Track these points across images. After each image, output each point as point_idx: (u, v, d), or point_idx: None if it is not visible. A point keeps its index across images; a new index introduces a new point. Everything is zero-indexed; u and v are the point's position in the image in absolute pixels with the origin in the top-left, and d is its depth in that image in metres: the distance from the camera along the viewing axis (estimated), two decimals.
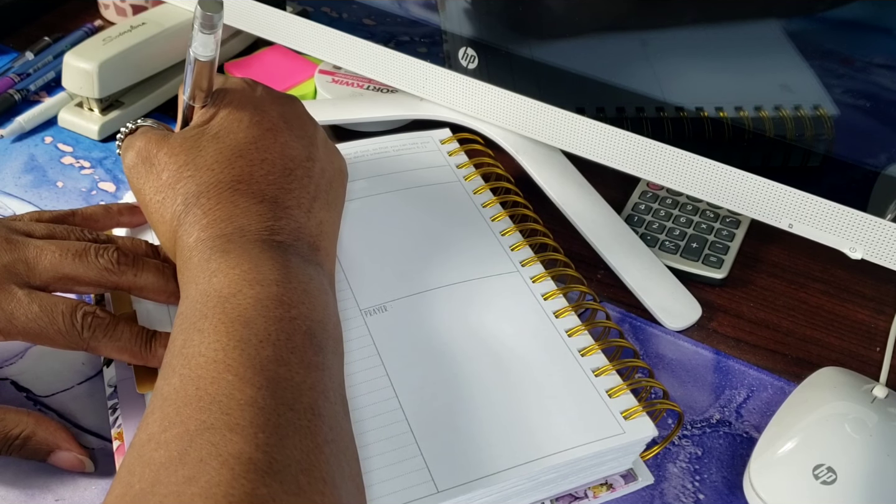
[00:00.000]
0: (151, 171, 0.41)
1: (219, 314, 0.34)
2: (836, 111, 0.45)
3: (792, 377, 0.49)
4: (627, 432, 0.40)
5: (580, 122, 0.53)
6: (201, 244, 0.37)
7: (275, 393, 0.31)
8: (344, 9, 0.60)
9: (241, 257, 0.36)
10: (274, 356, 0.32)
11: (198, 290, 0.35)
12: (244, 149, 0.40)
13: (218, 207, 0.38)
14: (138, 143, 0.42)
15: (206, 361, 0.32)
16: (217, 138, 0.41)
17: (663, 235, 0.57)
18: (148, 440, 0.30)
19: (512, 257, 0.48)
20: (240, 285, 0.35)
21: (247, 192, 0.39)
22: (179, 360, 0.33)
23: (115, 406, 0.44)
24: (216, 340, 0.32)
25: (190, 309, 0.35)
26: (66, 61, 0.63)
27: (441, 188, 0.53)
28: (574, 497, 0.42)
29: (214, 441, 0.29)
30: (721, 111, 0.48)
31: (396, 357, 0.42)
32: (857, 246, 0.47)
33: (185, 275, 0.37)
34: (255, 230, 0.38)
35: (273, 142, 0.41)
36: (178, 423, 0.30)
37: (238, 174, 0.40)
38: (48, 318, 0.40)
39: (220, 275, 0.35)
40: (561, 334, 0.44)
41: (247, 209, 0.39)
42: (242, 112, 0.42)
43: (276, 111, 0.43)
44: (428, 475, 0.37)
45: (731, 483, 0.44)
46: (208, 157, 0.40)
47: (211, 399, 0.30)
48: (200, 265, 0.36)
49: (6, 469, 0.42)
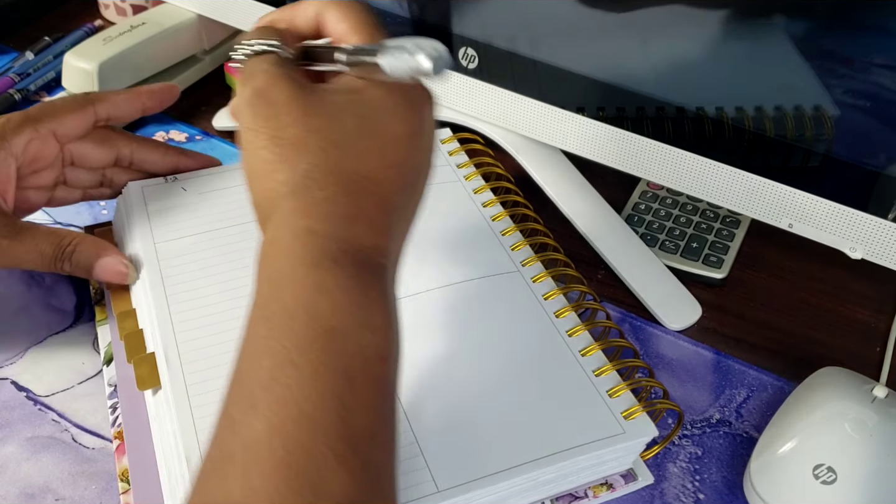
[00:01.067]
0: (277, 119, 0.34)
1: (320, 352, 0.29)
2: (836, 111, 0.45)
3: (792, 377, 0.49)
4: (628, 432, 0.40)
5: (580, 122, 0.53)
6: (310, 238, 0.32)
7: (366, 483, 0.28)
8: None
9: (352, 280, 0.31)
10: (368, 429, 0.29)
11: (297, 302, 0.31)
12: (385, 145, 0.35)
13: (341, 199, 0.33)
14: (268, 77, 0.35)
15: (300, 416, 0.28)
16: (363, 118, 0.35)
17: (663, 235, 0.57)
18: (226, 499, 0.27)
19: (512, 257, 0.48)
20: (348, 322, 0.30)
21: (374, 195, 0.34)
22: (266, 396, 0.29)
23: (115, 405, 0.44)
24: (314, 390, 0.29)
25: (283, 323, 0.30)
26: (66, 61, 0.63)
27: (441, 188, 0.53)
28: (574, 497, 0.42)
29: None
30: (722, 111, 0.48)
31: None
32: (858, 246, 0.47)
33: (279, 265, 0.32)
34: (369, 246, 0.33)
35: (410, 146, 0.36)
36: (265, 496, 0.27)
37: (372, 171, 0.34)
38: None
39: (328, 295, 0.31)
40: (561, 334, 0.44)
41: (368, 215, 0.33)
42: (396, 100, 0.35)
43: (424, 111, 0.37)
44: (429, 475, 0.37)
45: (731, 483, 0.44)
46: (348, 135, 0.34)
47: (304, 477, 0.27)
48: (304, 266, 0.31)
49: (6, 467, 0.42)
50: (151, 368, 0.41)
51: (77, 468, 0.43)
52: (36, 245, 0.45)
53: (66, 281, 0.52)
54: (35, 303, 0.51)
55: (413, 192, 0.36)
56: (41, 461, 0.43)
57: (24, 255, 0.45)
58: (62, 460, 0.43)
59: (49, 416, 0.45)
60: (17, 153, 0.46)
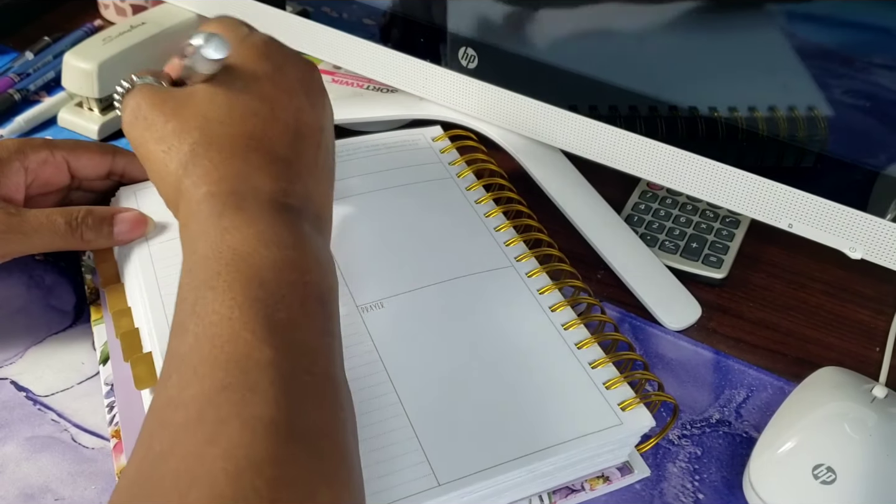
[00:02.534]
0: (155, 123, 0.39)
1: (233, 272, 0.33)
2: (837, 111, 0.45)
3: (791, 377, 0.49)
4: (625, 423, 0.40)
5: (580, 122, 0.53)
6: (212, 198, 0.36)
7: (291, 356, 0.31)
8: (344, 9, 0.60)
9: (256, 216, 0.35)
10: (289, 319, 0.32)
11: (209, 246, 0.34)
12: (258, 105, 0.39)
13: (230, 161, 0.37)
14: (139, 95, 0.40)
15: (221, 319, 0.31)
16: (230, 94, 0.39)
17: (663, 235, 0.57)
18: (167, 403, 0.30)
19: (507, 253, 0.48)
20: (255, 245, 0.34)
21: (259, 150, 0.38)
22: (192, 318, 0.32)
23: (111, 404, 0.44)
24: (231, 298, 0.32)
25: (200, 265, 0.34)
26: (65, 61, 0.63)
27: (434, 185, 0.53)
28: (571, 489, 0.42)
29: (234, 401, 0.28)
30: (727, 111, 0.48)
31: (394, 353, 0.42)
32: (857, 246, 0.47)
33: (192, 228, 0.36)
34: (269, 190, 0.37)
35: (288, 103, 0.40)
36: (196, 382, 0.29)
37: (251, 130, 0.38)
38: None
39: (235, 231, 0.34)
40: (557, 328, 0.44)
41: (260, 167, 0.37)
42: (260, 67, 0.40)
43: (294, 73, 0.41)
44: (429, 469, 0.38)
45: (730, 483, 0.44)
46: (220, 110, 0.39)
47: (227, 358, 0.30)
48: (211, 220, 0.35)
49: (5, 467, 0.42)
50: (149, 368, 0.41)
51: (77, 468, 0.43)
52: (47, 217, 0.45)
53: (66, 281, 0.52)
54: (34, 303, 0.51)
55: (308, 144, 0.40)
56: (40, 461, 0.43)
57: (36, 229, 0.45)
58: (62, 460, 0.43)
59: (48, 415, 0.45)
60: (31, 169, 0.48)
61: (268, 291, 0.32)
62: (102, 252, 0.49)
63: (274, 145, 0.38)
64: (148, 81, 0.41)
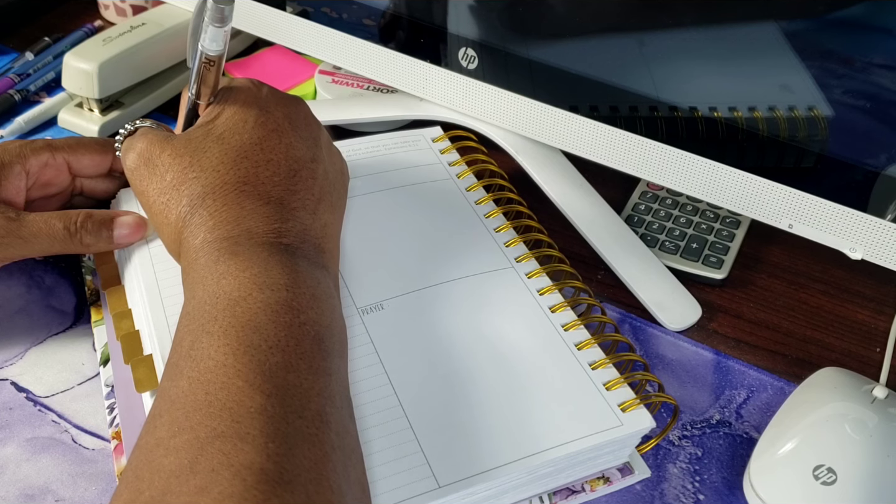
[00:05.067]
0: (155, 173, 0.41)
1: (228, 318, 0.33)
2: (837, 111, 0.45)
3: (792, 378, 0.49)
4: (625, 424, 0.40)
5: (580, 123, 0.53)
6: (208, 245, 0.37)
7: (284, 400, 0.31)
8: (344, 9, 0.60)
9: (249, 260, 0.36)
10: (283, 362, 0.32)
11: (206, 292, 0.35)
12: (249, 150, 0.40)
13: (224, 209, 0.38)
14: (140, 144, 0.42)
15: (216, 365, 0.32)
16: (222, 139, 0.41)
17: (663, 236, 0.57)
18: (156, 445, 0.30)
19: (507, 253, 0.48)
20: (249, 289, 0.35)
21: (253, 194, 0.39)
22: (187, 362, 0.32)
23: (112, 406, 0.44)
24: (226, 344, 0.32)
25: (198, 310, 0.35)
26: (66, 62, 0.63)
27: (434, 186, 0.53)
28: (571, 490, 0.42)
29: (225, 450, 0.29)
30: (728, 111, 0.48)
31: (394, 355, 0.42)
32: (857, 246, 0.47)
33: (192, 276, 0.37)
34: (263, 232, 0.38)
35: (278, 143, 0.41)
36: (188, 428, 0.30)
37: (244, 175, 0.40)
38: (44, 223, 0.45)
39: (230, 277, 0.35)
40: (557, 329, 0.44)
41: (253, 211, 0.38)
42: (247, 112, 0.41)
43: (281, 112, 0.42)
44: (429, 471, 0.38)
45: (731, 483, 0.44)
46: (213, 157, 0.40)
47: (221, 406, 0.30)
48: (208, 266, 0.36)
49: (6, 468, 0.42)
50: (149, 371, 0.41)
51: (77, 469, 0.43)
52: (45, 221, 0.46)
53: (66, 282, 0.52)
54: (35, 304, 0.51)
55: (301, 179, 0.41)
56: (41, 462, 0.43)
57: (35, 234, 0.45)
58: (62, 461, 0.43)
59: (49, 416, 0.45)
60: (32, 172, 0.48)
61: (262, 336, 0.33)
62: (103, 253, 0.49)
63: (266, 187, 0.40)
64: (148, 125, 0.44)
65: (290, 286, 0.35)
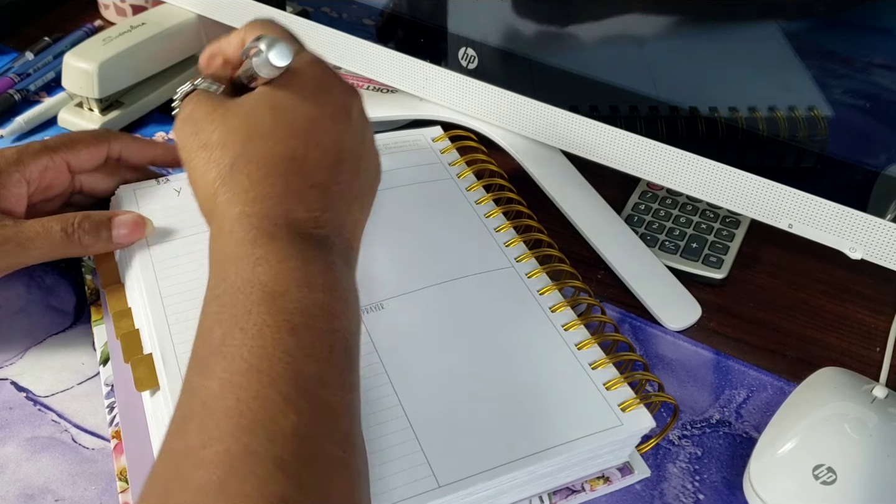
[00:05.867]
0: (203, 129, 0.39)
1: (263, 314, 0.32)
2: (837, 111, 0.45)
3: (792, 377, 0.49)
4: (625, 424, 0.40)
5: (580, 123, 0.53)
6: (245, 219, 0.36)
7: (316, 420, 0.30)
8: (344, 9, 0.60)
9: (288, 250, 0.35)
10: (317, 374, 0.31)
11: (240, 277, 0.34)
12: (302, 127, 0.39)
13: (267, 181, 0.37)
14: (194, 102, 0.40)
15: (248, 369, 0.31)
16: (277, 110, 0.39)
17: (663, 235, 0.57)
18: (186, 454, 0.29)
19: (506, 253, 0.48)
20: (287, 284, 0.33)
21: (298, 172, 0.38)
22: (218, 359, 0.31)
23: (112, 405, 0.44)
24: (260, 346, 0.31)
25: (230, 297, 0.33)
26: (66, 61, 0.63)
27: (434, 185, 0.53)
28: (571, 490, 0.42)
29: (258, 474, 0.28)
30: (728, 111, 0.48)
31: (394, 354, 0.42)
32: (857, 246, 0.47)
33: (223, 249, 0.35)
34: (303, 219, 0.36)
35: (332, 127, 0.40)
36: (219, 439, 0.29)
37: (292, 151, 0.38)
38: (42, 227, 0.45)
39: (266, 265, 0.34)
40: (557, 328, 0.44)
41: (297, 192, 0.37)
42: (307, 88, 0.40)
43: (339, 97, 0.41)
44: (429, 470, 0.38)
45: (730, 483, 0.44)
46: (264, 126, 0.38)
47: (253, 418, 0.29)
48: (243, 245, 0.35)
49: (6, 468, 0.42)
50: (149, 370, 0.41)
51: (77, 469, 0.43)
52: (43, 226, 0.45)
53: (66, 281, 0.52)
54: (34, 303, 0.51)
55: (345, 170, 0.39)
56: (41, 462, 0.43)
57: (33, 238, 0.45)
58: (62, 461, 0.43)
59: (49, 416, 0.45)
60: (32, 178, 0.48)
61: (298, 341, 0.32)
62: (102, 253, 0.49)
63: (311, 169, 0.38)
64: (205, 87, 0.42)
65: (328, 288, 0.34)
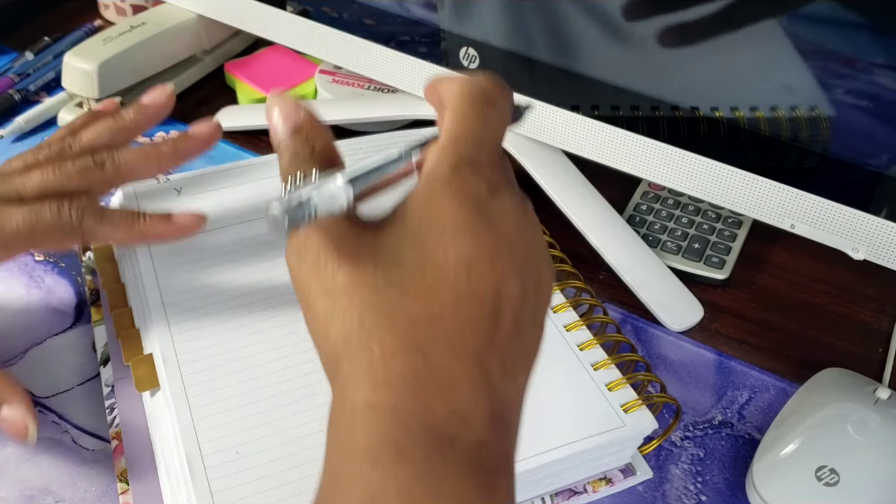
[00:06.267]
0: (324, 268, 0.29)
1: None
2: (839, 111, 0.45)
3: (794, 378, 0.49)
4: (628, 425, 0.40)
5: (581, 123, 0.53)
6: (371, 416, 0.26)
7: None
8: (344, 9, 0.60)
9: (418, 474, 0.25)
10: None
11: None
12: (451, 273, 0.28)
13: (402, 357, 0.27)
14: (317, 238, 0.29)
15: None
16: (419, 247, 0.28)
17: (665, 236, 0.57)
18: None
19: None
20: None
21: (445, 342, 0.27)
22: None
23: (112, 406, 0.44)
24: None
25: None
26: (65, 61, 0.63)
27: None
28: (573, 492, 0.42)
29: None
30: (730, 111, 0.48)
31: None
32: (860, 247, 0.47)
33: (342, 447, 0.27)
34: (446, 413, 0.26)
35: (489, 271, 0.28)
36: None
37: (437, 309, 0.27)
38: (36, 216, 0.40)
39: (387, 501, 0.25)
40: (559, 329, 0.44)
41: (442, 374, 0.27)
42: (460, 213, 0.28)
43: (506, 223, 0.29)
44: None
45: (733, 484, 0.44)
46: (404, 271, 0.28)
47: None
48: (365, 460, 0.26)
49: (6, 469, 0.42)
50: (150, 370, 0.41)
51: (77, 469, 0.42)
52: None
53: (66, 282, 0.52)
54: (34, 304, 0.51)
55: (500, 324, 0.28)
56: (41, 463, 0.43)
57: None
58: (62, 462, 0.43)
59: (49, 417, 0.45)
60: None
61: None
62: (103, 252, 0.49)
63: (461, 333, 0.27)
64: (322, 211, 0.29)
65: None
